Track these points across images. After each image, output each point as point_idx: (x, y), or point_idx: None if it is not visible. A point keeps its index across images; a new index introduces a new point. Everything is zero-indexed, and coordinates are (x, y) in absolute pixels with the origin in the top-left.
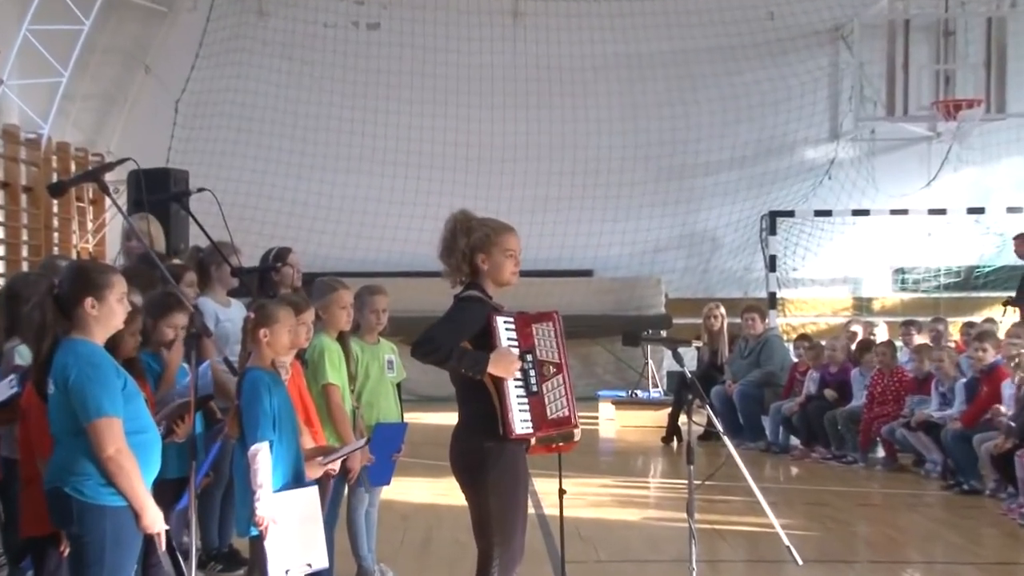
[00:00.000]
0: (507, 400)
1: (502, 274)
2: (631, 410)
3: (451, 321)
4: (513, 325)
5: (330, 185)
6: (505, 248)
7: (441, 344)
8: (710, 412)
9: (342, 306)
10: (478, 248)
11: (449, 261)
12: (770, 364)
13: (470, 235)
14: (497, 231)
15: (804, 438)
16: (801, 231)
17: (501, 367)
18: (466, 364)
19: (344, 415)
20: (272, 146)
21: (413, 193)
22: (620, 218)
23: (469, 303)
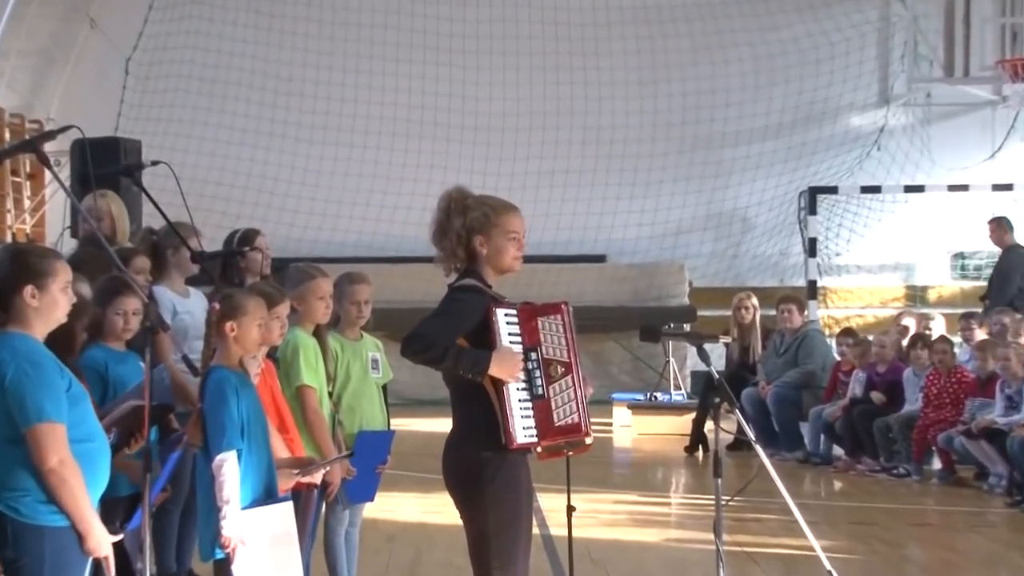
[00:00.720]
0: (508, 405)
1: (503, 259)
2: (650, 415)
3: (445, 314)
4: (516, 319)
5: (305, 158)
6: (507, 230)
7: (435, 341)
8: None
9: (320, 296)
10: (476, 230)
11: (442, 244)
12: (809, 362)
13: (466, 215)
14: (497, 210)
15: (848, 447)
16: (845, 210)
17: (504, 368)
18: (464, 364)
19: (322, 421)
20: (238, 112)
21: (400, 167)
22: (637, 195)
23: (465, 293)
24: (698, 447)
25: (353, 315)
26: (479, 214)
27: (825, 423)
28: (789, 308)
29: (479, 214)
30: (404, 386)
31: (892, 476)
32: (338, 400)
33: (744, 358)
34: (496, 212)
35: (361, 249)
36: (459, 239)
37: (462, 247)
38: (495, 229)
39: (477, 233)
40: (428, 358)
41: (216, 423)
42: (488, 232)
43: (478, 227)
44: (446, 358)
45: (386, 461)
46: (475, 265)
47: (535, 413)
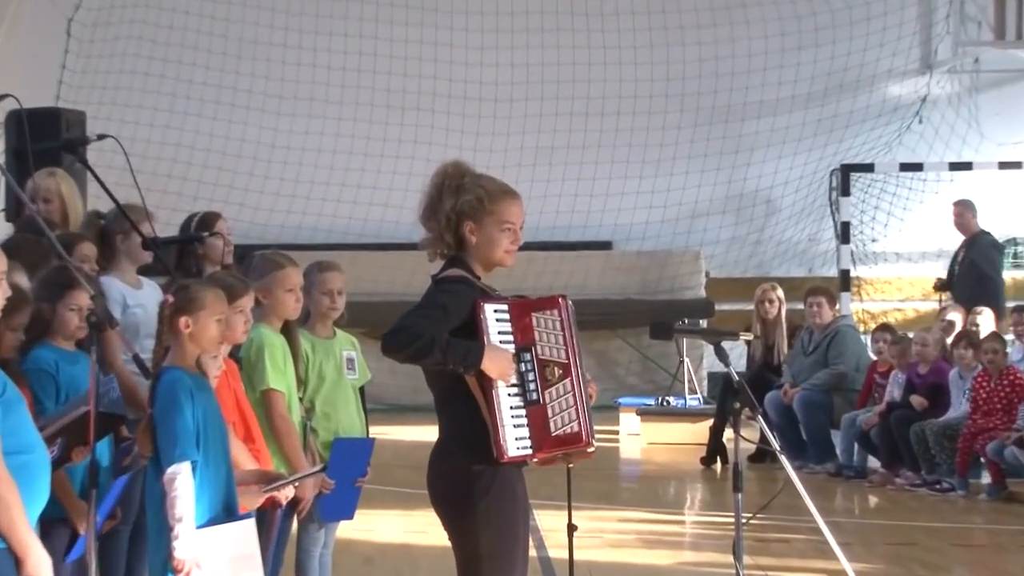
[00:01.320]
0: (498, 412)
1: (493, 251)
2: (661, 422)
3: (430, 307)
4: (507, 315)
5: (272, 131)
6: (502, 219)
7: (420, 333)
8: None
9: (288, 288)
10: (467, 214)
11: (430, 225)
12: (841, 363)
13: (459, 196)
14: (494, 195)
15: (885, 458)
16: (883, 191)
17: (496, 364)
18: (454, 356)
19: (291, 429)
20: (195, 80)
21: (380, 143)
22: (647, 175)
23: (451, 285)
24: (716, 458)
25: (325, 308)
26: (472, 197)
27: (859, 431)
28: (819, 301)
29: (472, 197)
30: (384, 389)
31: (935, 491)
32: (310, 405)
33: (768, 358)
34: (491, 198)
35: (335, 235)
36: (448, 222)
37: (451, 232)
38: (488, 217)
39: (468, 219)
40: (413, 352)
41: (168, 431)
42: (480, 219)
43: (469, 212)
44: (433, 351)
45: (366, 473)
46: (463, 253)
47: (529, 421)
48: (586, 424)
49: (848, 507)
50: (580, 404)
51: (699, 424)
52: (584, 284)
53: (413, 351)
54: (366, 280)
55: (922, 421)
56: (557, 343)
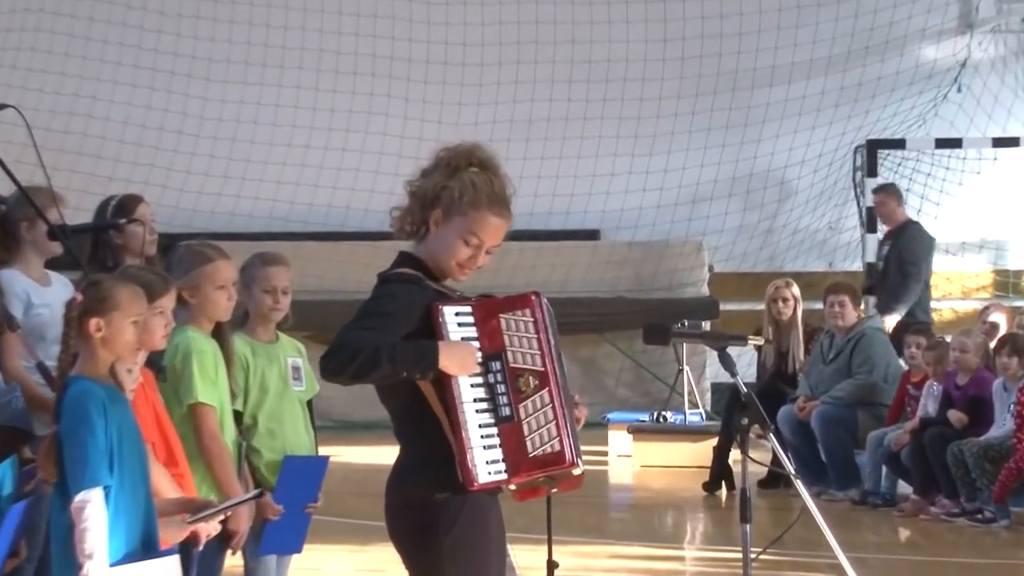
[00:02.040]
0: (465, 431)
1: (445, 256)
2: (657, 442)
3: (370, 317)
4: (470, 317)
5: (201, 101)
6: (470, 227)
7: (360, 346)
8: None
9: (219, 284)
10: (441, 201)
11: (411, 194)
12: (867, 372)
13: (449, 177)
14: (478, 198)
15: (919, 484)
16: (916, 170)
17: (456, 359)
18: (405, 362)
19: (223, 451)
20: (111, 40)
21: (327, 114)
22: (641, 151)
23: (396, 287)
24: (720, 484)
25: (266, 308)
26: (458, 188)
27: (888, 452)
28: (841, 300)
29: (458, 188)
30: (333, 403)
31: (975, 522)
32: (252, 420)
33: (781, 366)
34: (474, 199)
35: (275, 222)
36: (424, 199)
37: (420, 211)
38: (458, 217)
39: (439, 206)
40: (357, 370)
41: (76, 452)
42: (449, 214)
43: (444, 200)
44: (380, 362)
45: (317, 498)
46: (421, 246)
47: (502, 441)
48: (570, 441)
49: (875, 541)
50: (562, 418)
51: (701, 444)
52: (567, 280)
53: (356, 368)
54: (312, 275)
55: (961, 440)
56: (531, 348)
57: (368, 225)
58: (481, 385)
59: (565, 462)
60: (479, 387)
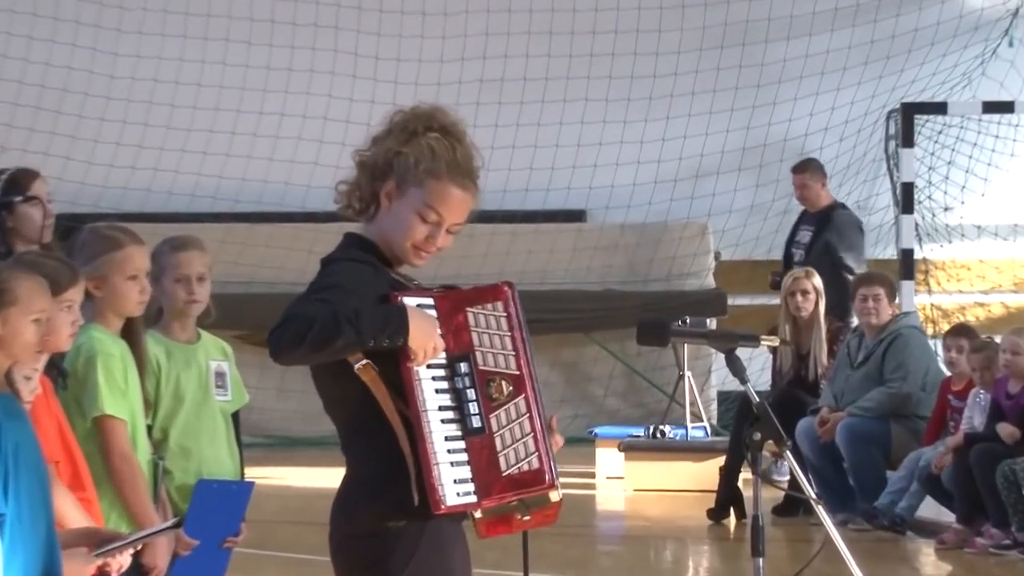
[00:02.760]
0: (429, 444)
1: (398, 236)
2: (654, 461)
3: (326, 289)
4: (432, 311)
5: (109, 57)
6: (429, 201)
7: (314, 315)
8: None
9: (131, 274)
10: (394, 169)
11: (361, 163)
12: (902, 379)
13: (405, 142)
14: (437, 167)
15: (963, 510)
16: (960, 140)
17: (421, 332)
18: (372, 327)
19: (135, 471)
20: None
21: (262, 72)
22: (635, 117)
23: (344, 265)
24: (728, 511)
25: (181, 301)
26: (413, 153)
27: (927, 473)
28: (875, 294)
29: (413, 153)
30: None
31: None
32: (162, 436)
33: (800, 372)
34: (433, 168)
35: (201, 201)
36: (374, 171)
37: (369, 182)
38: (414, 188)
39: (392, 176)
40: (315, 340)
41: None
42: (404, 185)
43: (398, 169)
44: (341, 328)
45: (239, 531)
46: (371, 226)
47: (471, 457)
48: (548, 459)
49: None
50: (540, 431)
51: (705, 463)
52: (547, 270)
53: (314, 339)
54: (244, 264)
55: (1014, 459)
56: (504, 348)
57: (310, 204)
58: (446, 391)
59: (544, 482)
60: (444, 393)
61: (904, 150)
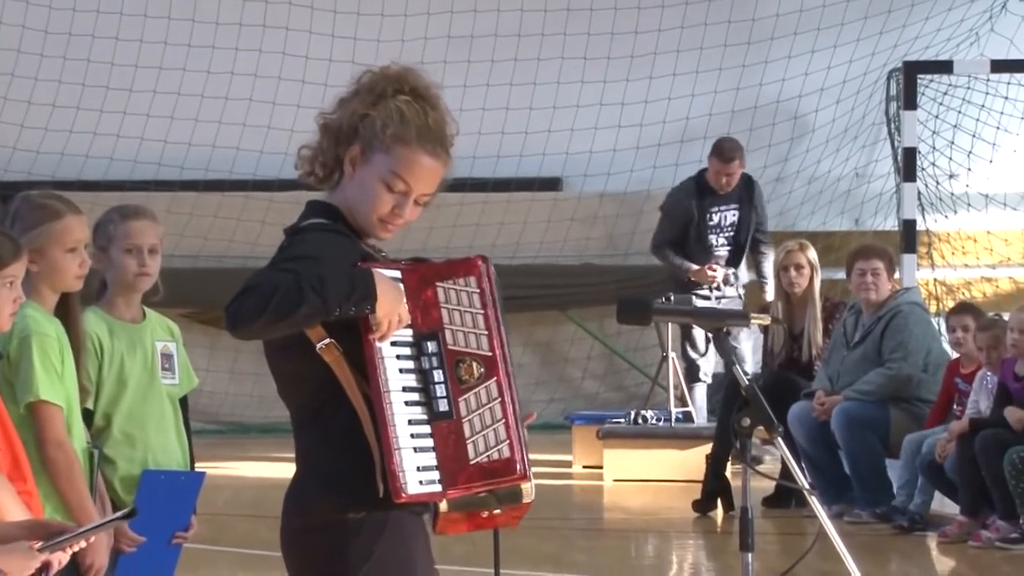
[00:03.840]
0: (391, 428)
1: (364, 206)
2: (635, 449)
3: (288, 260)
4: (401, 286)
5: (45, 9)
6: (396, 168)
7: (276, 283)
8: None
9: (70, 247)
10: (360, 135)
11: (325, 126)
12: (903, 359)
13: (372, 105)
14: (406, 133)
15: (967, 501)
16: (967, 101)
17: (389, 298)
18: (337, 293)
19: (72, 462)
20: None
21: (210, 28)
22: (615, 77)
23: (314, 234)
24: (715, 502)
25: (129, 275)
26: (380, 116)
27: (930, 461)
28: (874, 268)
29: (380, 116)
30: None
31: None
32: (104, 423)
33: (793, 352)
34: (401, 133)
35: (145, 168)
36: (338, 135)
37: (333, 147)
38: (381, 155)
39: (358, 140)
40: (276, 310)
41: None
42: (370, 151)
43: (364, 133)
44: (304, 297)
45: (189, 525)
46: (335, 194)
47: (437, 442)
48: (520, 447)
49: (912, 572)
50: (512, 418)
51: (690, 451)
52: (520, 242)
53: (275, 308)
54: (191, 236)
55: (1022, 445)
56: (476, 327)
57: (263, 172)
58: (412, 371)
59: (515, 472)
60: (409, 373)
61: (906, 112)
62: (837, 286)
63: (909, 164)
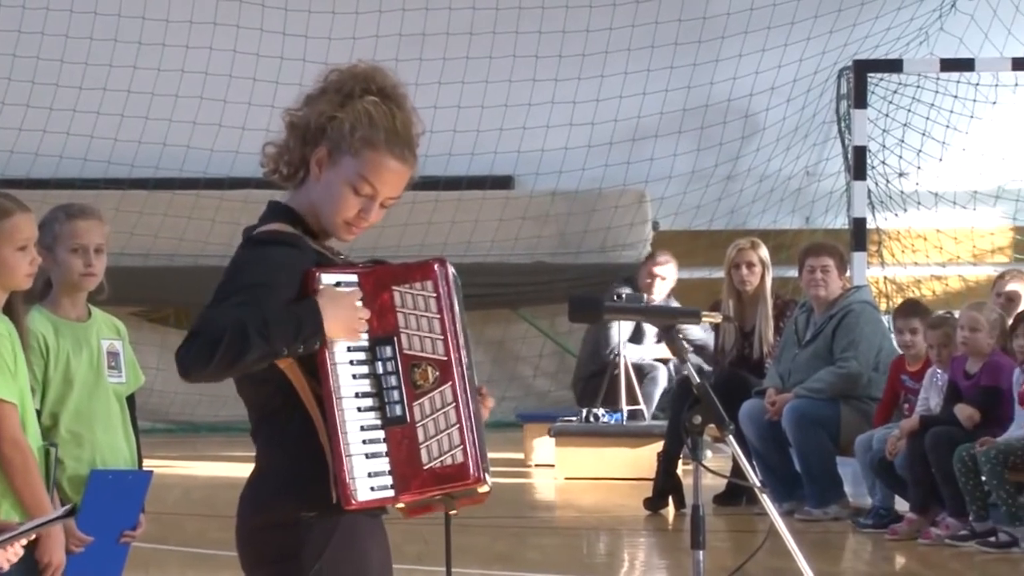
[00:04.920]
0: (342, 434)
1: (329, 209)
2: (587, 447)
3: (237, 292)
4: (357, 289)
5: None
6: (363, 172)
7: (223, 326)
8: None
9: (20, 245)
10: (327, 135)
11: (292, 124)
12: (853, 357)
13: (340, 105)
14: (374, 135)
15: (917, 498)
16: (916, 100)
17: (340, 321)
18: (284, 335)
19: (26, 458)
20: None
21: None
22: (567, 75)
23: (269, 250)
24: (667, 499)
25: (75, 275)
26: (349, 118)
27: (880, 459)
28: (824, 265)
29: (349, 118)
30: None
31: (988, 546)
32: (51, 422)
33: (744, 350)
34: (370, 136)
35: (94, 166)
36: (305, 135)
37: (299, 147)
38: (349, 157)
39: (325, 142)
40: (223, 359)
41: None
42: (337, 153)
43: (332, 135)
44: (250, 341)
45: (138, 524)
46: (298, 194)
47: (390, 448)
48: (475, 451)
49: (862, 570)
50: (466, 422)
51: (642, 449)
52: (472, 241)
53: (223, 356)
54: (141, 234)
55: (972, 443)
56: (432, 331)
57: (214, 170)
58: (366, 376)
59: (468, 478)
60: (363, 379)
61: (856, 111)
62: (788, 284)
63: (859, 162)
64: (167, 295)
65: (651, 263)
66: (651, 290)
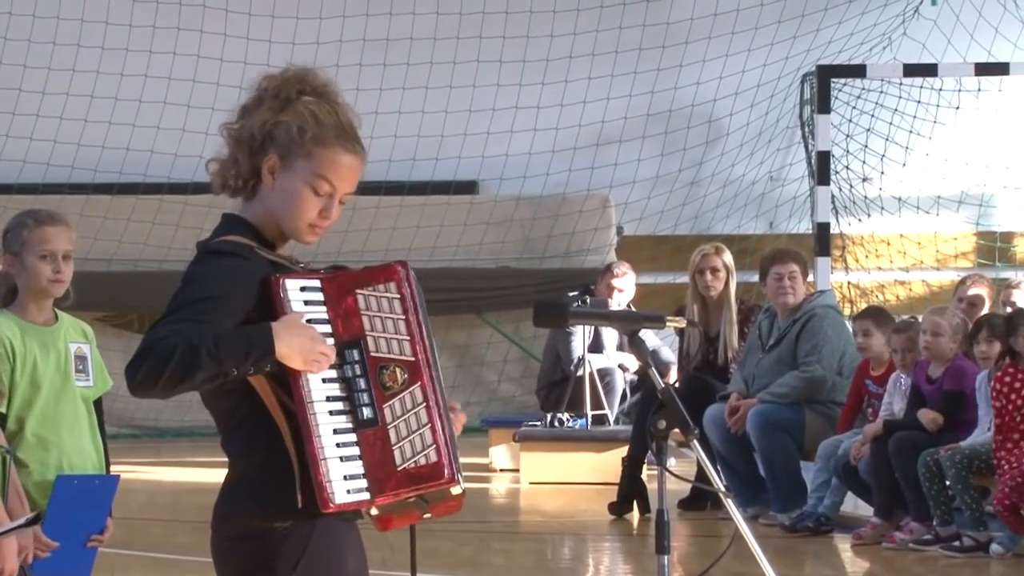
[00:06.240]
0: (316, 438)
1: (291, 214)
2: (551, 452)
3: (190, 304)
4: (319, 294)
5: None
6: (319, 171)
7: (173, 344)
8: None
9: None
10: (276, 141)
11: (236, 138)
12: (817, 362)
13: (281, 110)
14: (324, 133)
15: (881, 503)
16: (879, 105)
17: (296, 347)
18: (234, 356)
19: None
20: None
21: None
22: (531, 80)
23: (221, 261)
24: (631, 504)
25: (43, 281)
26: (295, 120)
27: (843, 463)
28: (790, 271)
29: (295, 120)
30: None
31: (952, 550)
32: (16, 426)
33: (709, 355)
34: (320, 135)
35: (57, 171)
36: (250, 143)
37: (247, 158)
38: (302, 160)
39: (274, 149)
40: (172, 377)
41: None
42: (290, 158)
43: (280, 141)
44: (200, 361)
45: (104, 529)
46: (251, 204)
47: (363, 451)
48: (448, 451)
49: (826, 574)
50: (438, 421)
51: (606, 454)
52: (437, 246)
53: (171, 375)
54: (105, 239)
55: (935, 447)
56: (399, 332)
57: (178, 175)
58: (335, 380)
59: (443, 477)
60: (333, 383)
61: (820, 116)
62: (752, 289)
63: (823, 168)
64: (131, 300)
65: (609, 275)
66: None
